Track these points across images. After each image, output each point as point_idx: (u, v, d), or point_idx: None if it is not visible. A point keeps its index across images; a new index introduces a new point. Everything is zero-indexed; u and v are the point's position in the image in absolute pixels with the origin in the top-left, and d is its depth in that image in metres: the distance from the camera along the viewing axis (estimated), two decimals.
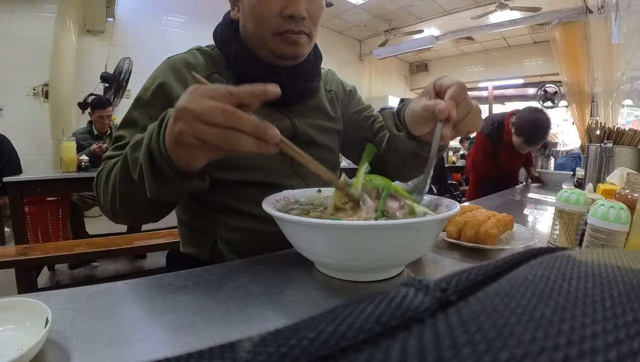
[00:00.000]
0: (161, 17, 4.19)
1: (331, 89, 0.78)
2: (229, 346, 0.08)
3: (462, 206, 0.55)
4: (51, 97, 3.48)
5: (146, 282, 0.41)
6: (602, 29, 3.82)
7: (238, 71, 0.63)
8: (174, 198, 0.48)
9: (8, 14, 3.44)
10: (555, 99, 5.32)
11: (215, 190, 0.61)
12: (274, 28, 0.59)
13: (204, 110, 0.36)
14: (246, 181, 0.61)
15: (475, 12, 4.55)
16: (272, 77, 0.61)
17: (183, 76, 0.61)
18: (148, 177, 0.44)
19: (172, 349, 0.29)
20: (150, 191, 0.45)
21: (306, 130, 0.67)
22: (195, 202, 0.65)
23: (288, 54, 0.61)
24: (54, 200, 2.17)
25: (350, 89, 0.82)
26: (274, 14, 0.58)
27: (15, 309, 0.31)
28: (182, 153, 0.41)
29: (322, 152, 0.71)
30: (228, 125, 0.36)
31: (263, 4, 0.57)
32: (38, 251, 1.47)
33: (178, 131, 0.38)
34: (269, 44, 0.61)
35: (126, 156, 0.48)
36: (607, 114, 3.87)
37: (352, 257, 0.39)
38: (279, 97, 0.65)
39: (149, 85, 0.61)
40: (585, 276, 0.11)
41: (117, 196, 0.50)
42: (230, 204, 0.62)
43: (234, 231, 0.61)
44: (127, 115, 0.60)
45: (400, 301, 0.09)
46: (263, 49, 0.62)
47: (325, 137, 0.71)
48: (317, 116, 0.71)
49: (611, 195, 0.63)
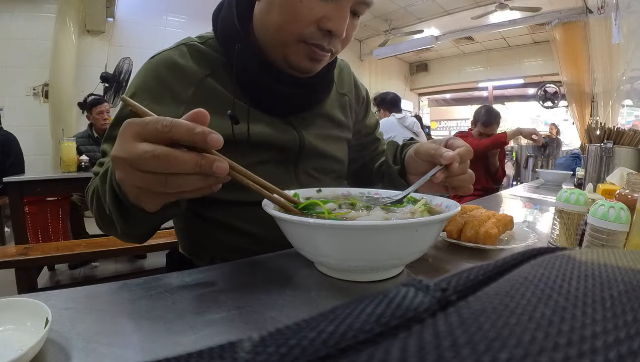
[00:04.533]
0: (161, 17, 4.19)
1: (344, 92, 0.71)
2: (229, 346, 0.08)
3: (462, 206, 0.55)
4: (51, 97, 3.48)
5: (146, 282, 0.41)
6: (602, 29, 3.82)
7: (239, 72, 0.55)
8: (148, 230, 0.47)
9: (8, 14, 3.45)
10: (555, 99, 5.32)
11: (214, 208, 0.58)
12: (302, 35, 0.51)
13: (134, 158, 0.31)
14: (247, 201, 0.54)
15: (475, 12, 4.55)
16: (277, 85, 0.56)
17: (166, 82, 0.53)
18: (116, 215, 0.41)
19: (172, 349, 0.29)
20: (122, 229, 0.43)
21: (314, 142, 0.63)
22: (193, 215, 0.61)
23: (304, 68, 0.55)
24: (54, 200, 2.17)
25: (364, 95, 0.77)
26: (311, 21, 0.50)
27: (15, 309, 0.31)
28: (134, 198, 0.37)
29: (329, 163, 0.67)
30: (164, 171, 0.31)
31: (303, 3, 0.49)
32: (38, 251, 1.47)
33: (119, 179, 0.35)
34: (286, 49, 0.53)
35: (97, 187, 0.46)
36: (607, 114, 3.87)
37: (352, 257, 0.39)
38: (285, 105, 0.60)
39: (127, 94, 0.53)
40: (585, 276, 0.11)
41: (100, 221, 0.49)
42: (231, 223, 0.58)
43: (234, 253, 0.54)
44: (109, 131, 0.53)
45: (400, 301, 0.09)
46: (276, 50, 0.54)
47: (334, 147, 0.67)
48: (326, 125, 0.66)
49: (611, 195, 0.63)
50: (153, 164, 0.31)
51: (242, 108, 0.56)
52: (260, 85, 0.57)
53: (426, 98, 7.60)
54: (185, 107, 0.53)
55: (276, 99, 0.59)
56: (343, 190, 0.55)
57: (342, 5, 0.50)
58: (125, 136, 0.32)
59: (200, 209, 0.60)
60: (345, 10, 0.50)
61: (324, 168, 0.66)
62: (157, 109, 0.46)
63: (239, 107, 0.55)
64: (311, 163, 0.64)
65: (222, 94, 0.56)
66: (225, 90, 0.56)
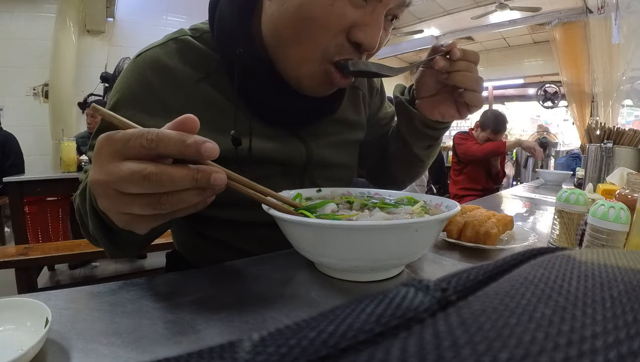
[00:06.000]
0: (161, 17, 4.19)
1: (357, 85, 0.64)
2: (229, 346, 0.08)
3: (462, 206, 0.55)
4: (51, 97, 3.49)
5: (146, 282, 0.41)
6: (602, 29, 3.82)
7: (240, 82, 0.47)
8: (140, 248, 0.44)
9: (8, 14, 3.45)
10: (555, 99, 5.32)
11: (214, 227, 0.56)
12: (328, 50, 0.42)
13: (118, 180, 0.27)
14: (247, 221, 0.51)
15: (475, 12, 4.55)
16: (285, 98, 0.50)
17: (153, 88, 0.46)
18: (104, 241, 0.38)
19: (172, 349, 0.29)
20: (110, 254, 0.40)
21: (323, 152, 0.58)
22: (193, 233, 0.58)
23: (320, 91, 0.48)
24: (54, 200, 2.17)
25: (377, 87, 0.71)
26: (341, 30, 0.41)
27: (15, 309, 0.31)
28: (123, 225, 0.33)
29: (337, 172, 0.62)
30: (157, 191, 0.27)
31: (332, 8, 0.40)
32: (38, 251, 1.47)
33: (103, 208, 0.32)
34: (304, 68, 0.45)
35: (78, 205, 0.42)
36: (607, 114, 3.87)
37: (352, 257, 0.39)
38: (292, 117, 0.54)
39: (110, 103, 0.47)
40: (585, 276, 0.11)
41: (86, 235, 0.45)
42: (231, 243, 0.55)
43: None
44: (92, 139, 0.46)
45: (400, 301, 0.09)
46: (289, 66, 0.46)
47: (345, 154, 0.63)
48: (337, 131, 0.60)
49: (611, 195, 0.63)
50: (143, 185, 0.27)
51: (243, 120, 0.49)
52: (261, 95, 0.50)
53: None
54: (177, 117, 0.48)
55: (283, 112, 0.52)
56: (343, 190, 0.55)
57: (378, 11, 0.41)
58: (103, 156, 0.28)
59: (200, 228, 0.57)
60: (381, 17, 0.42)
61: (331, 177, 0.62)
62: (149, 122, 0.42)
63: (239, 119, 0.49)
64: (319, 173, 0.60)
65: (220, 102, 0.49)
66: (223, 97, 0.49)
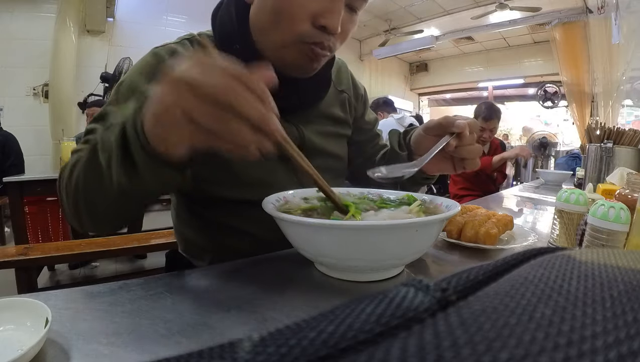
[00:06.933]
0: (161, 17, 4.19)
1: (343, 89, 0.71)
2: (229, 346, 0.08)
3: (462, 206, 0.55)
4: (51, 97, 3.49)
5: (146, 282, 0.41)
6: (602, 29, 3.82)
7: None
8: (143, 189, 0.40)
9: (8, 14, 3.45)
10: (555, 99, 5.32)
11: (213, 206, 0.58)
12: (301, 35, 0.50)
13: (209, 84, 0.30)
14: (245, 200, 0.55)
15: (475, 12, 4.55)
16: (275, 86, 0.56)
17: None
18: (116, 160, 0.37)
19: (172, 349, 0.29)
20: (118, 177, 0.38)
21: (314, 138, 0.62)
22: (192, 216, 0.61)
23: (306, 68, 0.54)
24: (54, 200, 2.17)
25: (362, 93, 0.77)
26: (305, 18, 0.49)
27: (15, 309, 0.31)
28: (163, 132, 0.34)
29: (330, 161, 0.66)
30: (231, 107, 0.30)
31: (297, 1, 0.48)
32: (38, 251, 1.47)
33: (167, 104, 0.32)
34: (284, 51, 0.52)
35: (96, 139, 0.41)
36: (607, 114, 3.87)
37: (352, 256, 0.39)
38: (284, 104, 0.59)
39: (129, 79, 0.53)
40: (585, 276, 0.11)
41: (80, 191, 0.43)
42: (229, 223, 0.58)
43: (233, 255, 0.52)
44: (103, 109, 0.52)
45: (400, 301, 0.09)
46: (274, 53, 0.53)
47: (334, 145, 0.67)
48: (325, 122, 0.66)
49: (611, 195, 0.63)
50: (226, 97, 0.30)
51: None
52: None
53: (426, 98, 7.60)
54: None
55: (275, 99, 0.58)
56: (343, 190, 0.55)
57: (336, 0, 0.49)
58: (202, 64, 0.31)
59: (199, 208, 0.60)
60: (339, 4, 0.49)
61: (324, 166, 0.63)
62: None
63: None
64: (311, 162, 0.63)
65: None
66: None
